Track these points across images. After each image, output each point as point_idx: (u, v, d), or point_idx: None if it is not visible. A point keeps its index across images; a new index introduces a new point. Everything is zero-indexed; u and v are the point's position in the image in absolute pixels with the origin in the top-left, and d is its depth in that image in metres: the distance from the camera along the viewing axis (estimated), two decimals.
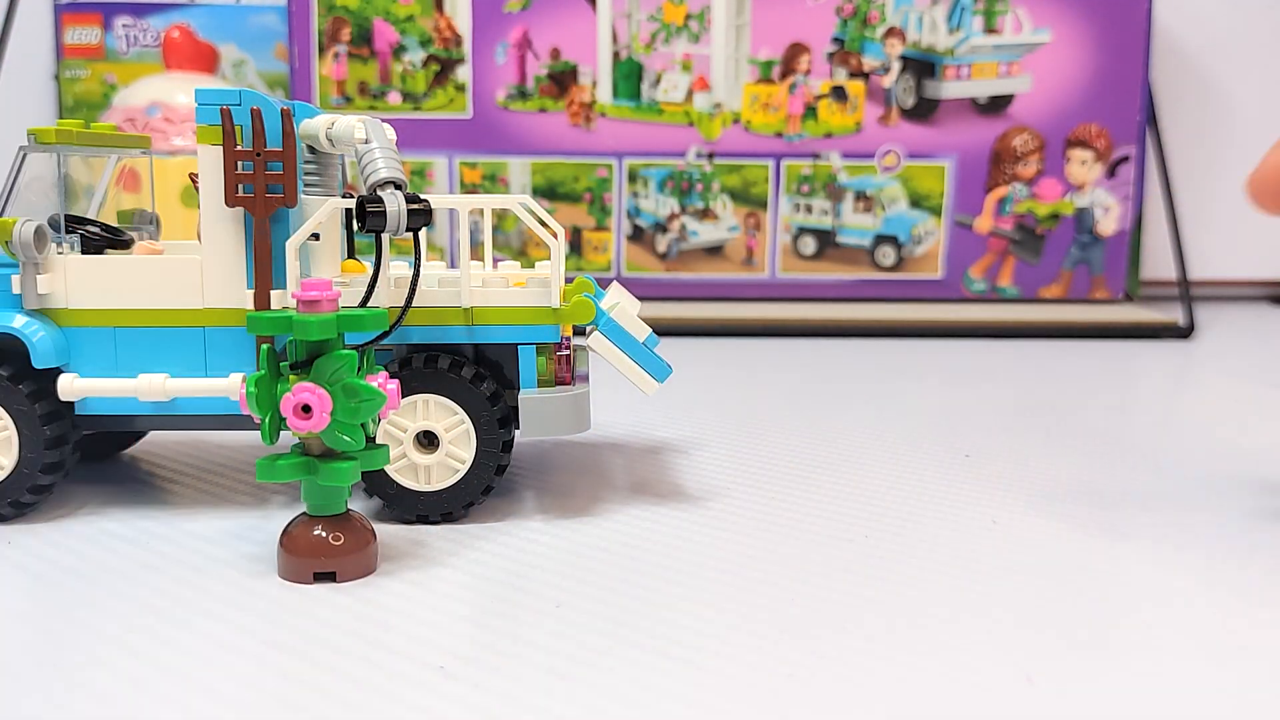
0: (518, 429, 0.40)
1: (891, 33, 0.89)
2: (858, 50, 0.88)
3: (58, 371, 0.39)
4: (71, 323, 0.39)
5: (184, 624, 0.31)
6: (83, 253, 0.40)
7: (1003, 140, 0.91)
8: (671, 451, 0.50)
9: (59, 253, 0.39)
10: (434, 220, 0.57)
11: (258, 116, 0.38)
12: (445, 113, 0.89)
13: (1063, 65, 0.89)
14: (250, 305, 0.39)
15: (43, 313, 0.39)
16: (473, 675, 0.28)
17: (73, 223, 0.41)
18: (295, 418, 0.33)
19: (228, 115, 0.38)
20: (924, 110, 0.90)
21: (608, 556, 0.36)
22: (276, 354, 0.34)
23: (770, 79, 0.88)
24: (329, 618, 0.31)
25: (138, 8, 0.98)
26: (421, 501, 0.39)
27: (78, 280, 0.39)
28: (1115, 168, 0.91)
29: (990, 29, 0.89)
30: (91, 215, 0.44)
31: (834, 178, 0.89)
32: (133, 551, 0.36)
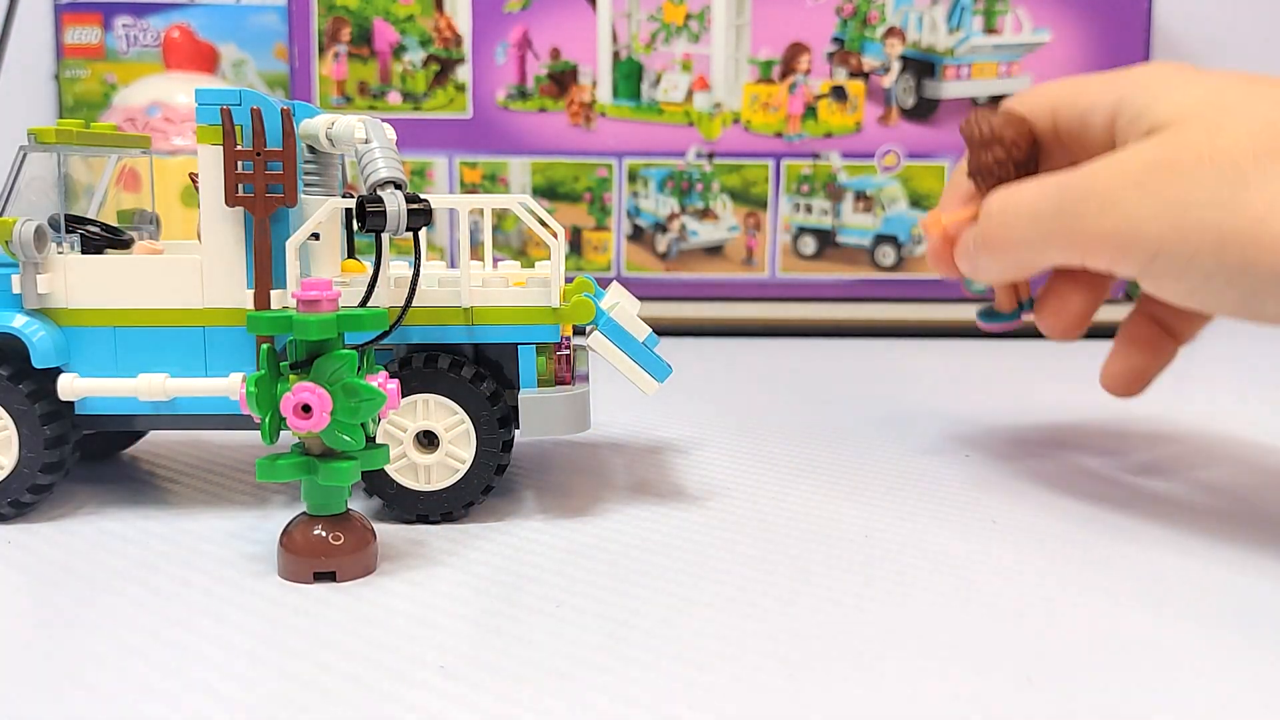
0: (518, 429, 0.40)
1: (891, 32, 0.89)
2: (858, 50, 0.88)
3: (58, 371, 0.39)
4: (71, 322, 0.39)
5: (184, 624, 0.31)
6: (83, 252, 0.40)
7: None
8: (671, 451, 0.50)
9: (59, 252, 0.39)
10: (434, 220, 0.57)
11: (258, 116, 0.38)
12: (445, 113, 0.89)
13: (1063, 65, 0.89)
14: (250, 305, 0.39)
15: (43, 312, 0.39)
16: (473, 675, 0.28)
17: (73, 222, 0.41)
18: (295, 417, 0.33)
19: (228, 115, 0.38)
20: (924, 110, 0.90)
21: (608, 556, 0.36)
22: (276, 354, 0.34)
23: (770, 79, 0.88)
24: (329, 618, 0.31)
25: (138, 8, 0.98)
26: (421, 501, 0.39)
27: (78, 280, 0.39)
28: None
29: (990, 29, 0.89)
30: (91, 215, 0.44)
31: (834, 177, 0.89)
32: (133, 551, 0.36)
